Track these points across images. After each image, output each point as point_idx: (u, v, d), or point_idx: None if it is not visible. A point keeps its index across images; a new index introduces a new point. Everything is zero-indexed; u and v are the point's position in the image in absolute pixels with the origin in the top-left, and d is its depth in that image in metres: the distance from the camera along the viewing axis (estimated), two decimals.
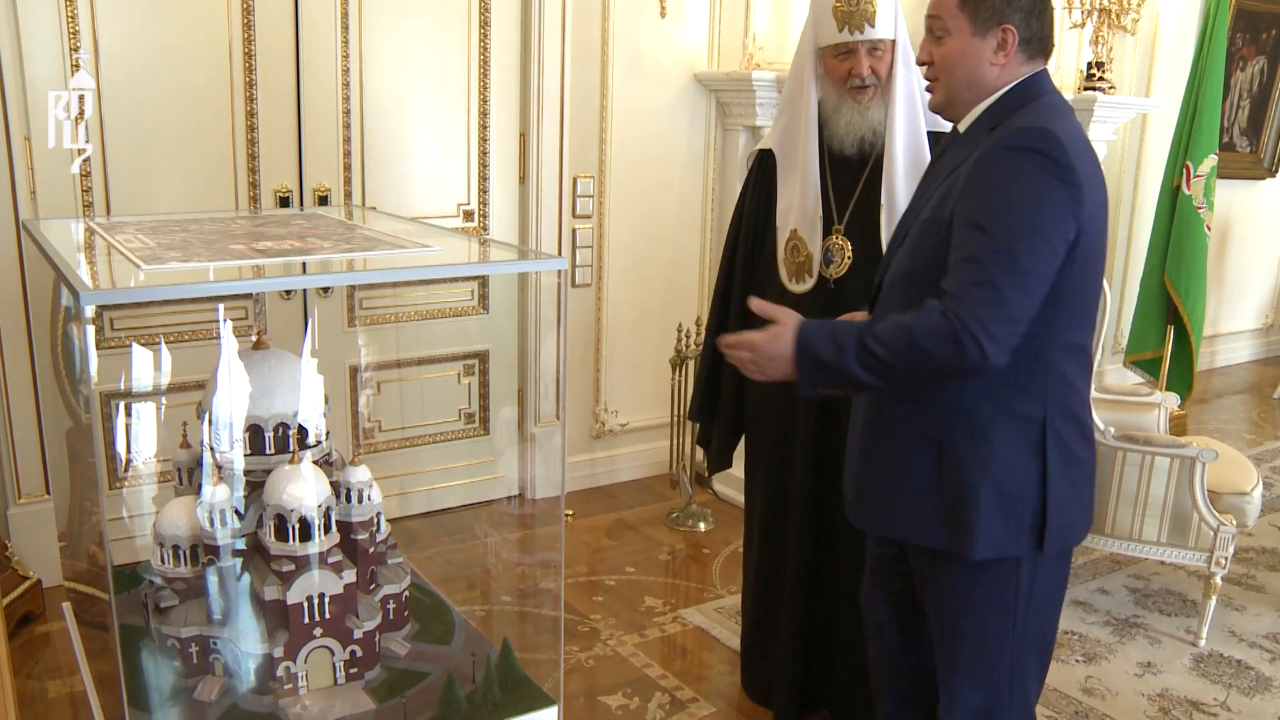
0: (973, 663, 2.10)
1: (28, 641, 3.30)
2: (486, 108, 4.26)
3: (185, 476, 2.56)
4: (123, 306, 3.56)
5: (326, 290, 3.97)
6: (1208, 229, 5.57)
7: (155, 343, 3.61)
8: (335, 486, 2.39)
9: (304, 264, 2.24)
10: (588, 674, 3.27)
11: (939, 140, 2.36)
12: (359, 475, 2.41)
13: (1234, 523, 3.48)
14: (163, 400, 3.21)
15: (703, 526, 4.38)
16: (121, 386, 3.63)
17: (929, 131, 2.61)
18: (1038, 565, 2.02)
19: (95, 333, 3.50)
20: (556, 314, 4.51)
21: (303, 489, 2.25)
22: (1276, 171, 7.59)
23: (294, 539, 2.24)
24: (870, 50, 2.48)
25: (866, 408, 2.11)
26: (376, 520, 2.47)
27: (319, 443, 2.44)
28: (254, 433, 2.36)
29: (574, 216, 4.52)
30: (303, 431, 2.40)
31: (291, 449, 2.36)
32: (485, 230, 4.36)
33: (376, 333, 4.24)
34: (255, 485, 2.34)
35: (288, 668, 2.24)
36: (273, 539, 2.26)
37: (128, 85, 3.51)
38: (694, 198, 4.82)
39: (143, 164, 3.59)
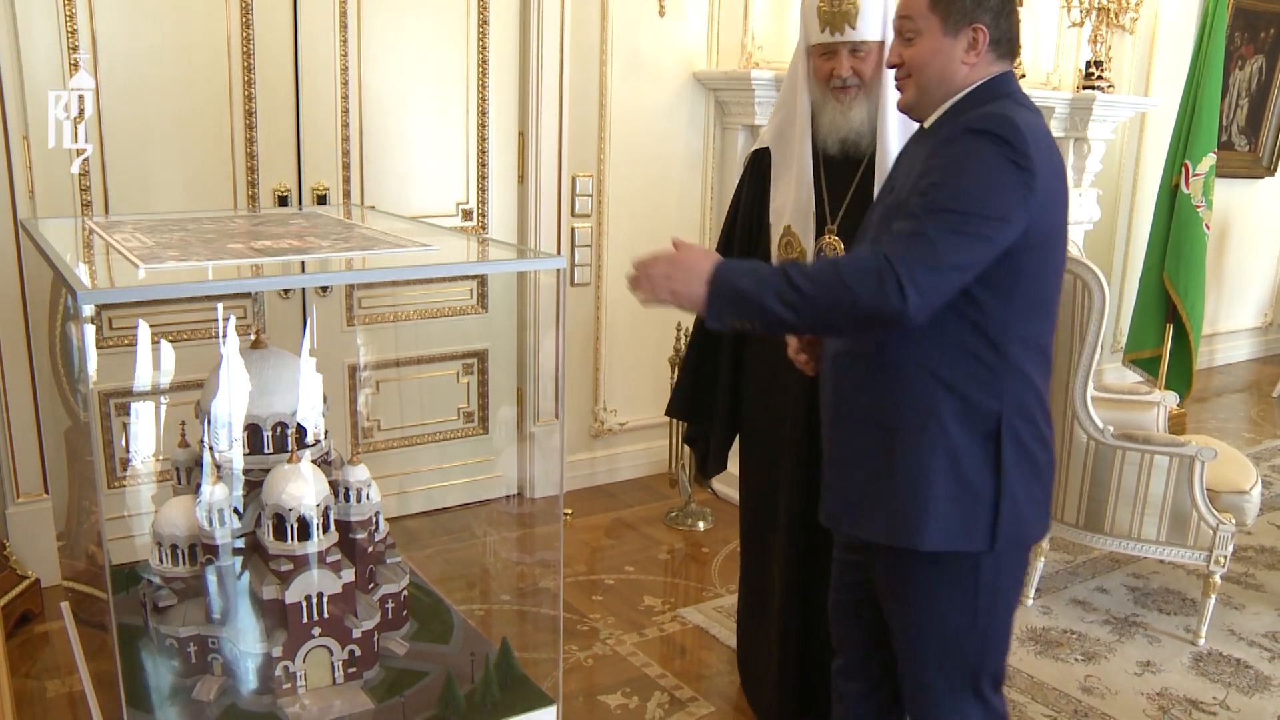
0: (936, 664, 2.08)
1: (26, 641, 3.30)
2: (485, 106, 4.26)
3: (184, 476, 2.56)
4: (121, 306, 3.55)
5: (325, 289, 3.97)
6: (1206, 228, 5.57)
7: (154, 341, 3.61)
8: (334, 486, 2.39)
9: (302, 263, 2.23)
10: (587, 673, 3.27)
11: None
12: (358, 474, 2.41)
13: (1233, 521, 3.48)
14: (161, 399, 3.21)
15: (702, 525, 4.38)
16: (120, 386, 3.63)
17: None
18: (997, 562, 2.01)
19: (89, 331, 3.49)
20: (555, 313, 4.50)
21: (301, 488, 2.25)
22: (1275, 170, 7.59)
23: (292, 538, 2.24)
24: (852, 51, 2.49)
25: (830, 400, 2.10)
26: (375, 519, 2.48)
27: (317, 442, 2.44)
28: (252, 432, 2.36)
29: (573, 215, 4.52)
30: (301, 431, 2.40)
31: (290, 448, 2.36)
32: (484, 229, 4.36)
33: (375, 332, 4.24)
34: (254, 484, 2.34)
35: (286, 667, 2.24)
36: (271, 538, 2.26)
37: (126, 84, 3.51)
38: (693, 197, 4.82)
39: (141, 163, 3.59)
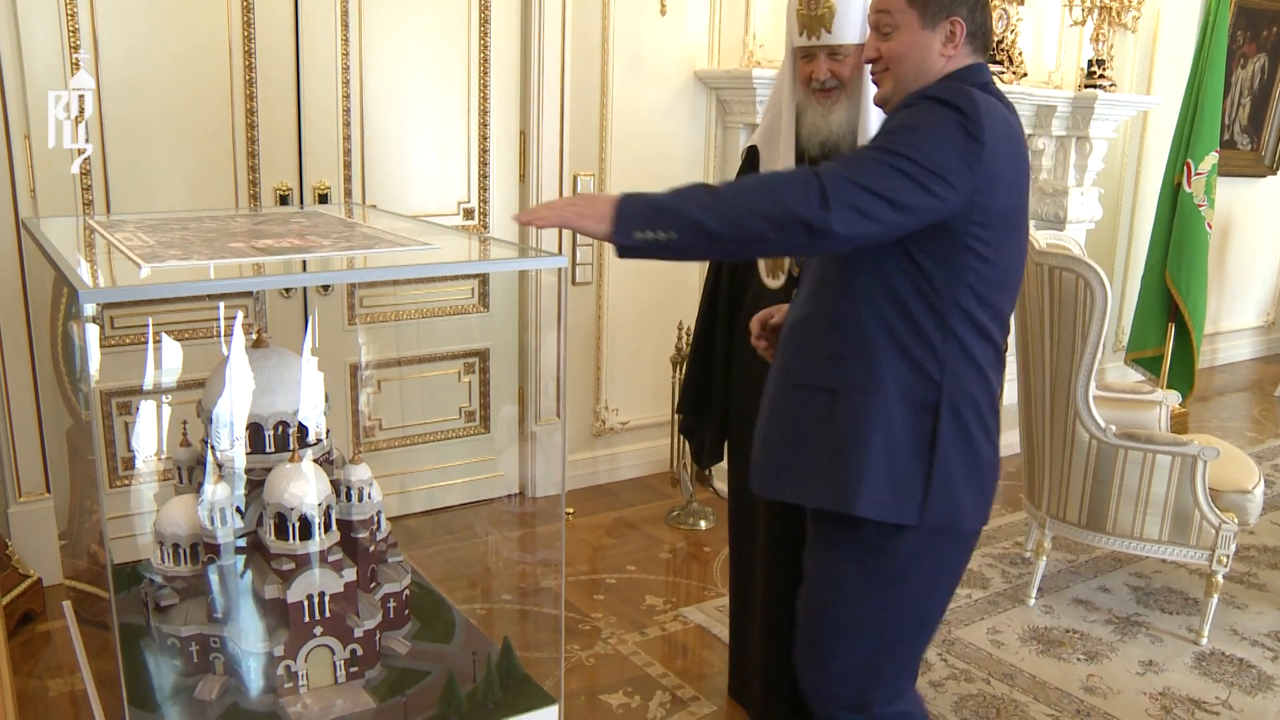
0: (844, 641, 2.08)
1: (28, 640, 3.30)
2: (487, 105, 4.26)
3: (185, 475, 2.56)
4: (122, 305, 3.55)
5: (326, 288, 3.97)
6: (1209, 226, 5.57)
7: (156, 340, 3.61)
8: (335, 485, 2.39)
9: (304, 262, 2.23)
10: (588, 672, 3.26)
11: None
12: (359, 473, 2.41)
13: (1236, 521, 3.48)
14: (163, 399, 3.21)
15: (703, 525, 4.38)
16: (121, 385, 3.63)
17: None
18: (921, 542, 2.00)
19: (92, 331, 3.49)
20: (557, 312, 4.50)
21: (303, 487, 2.25)
22: (1277, 169, 7.58)
23: (294, 537, 2.24)
24: (830, 54, 2.49)
25: (780, 368, 2.11)
26: (377, 519, 2.47)
27: (319, 441, 2.44)
28: (254, 431, 2.36)
29: None
30: (303, 430, 2.40)
31: (292, 447, 2.36)
32: (485, 228, 4.36)
33: (377, 331, 4.24)
34: (255, 484, 2.34)
35: (288, 666, 2.23)
36: (273, 537, 2.26)
37: (127, 83, 3.50)
38: None
39: (142, 162, 3.58)
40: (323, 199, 3.93)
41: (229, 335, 2.37)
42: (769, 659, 2.87)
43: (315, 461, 2.35)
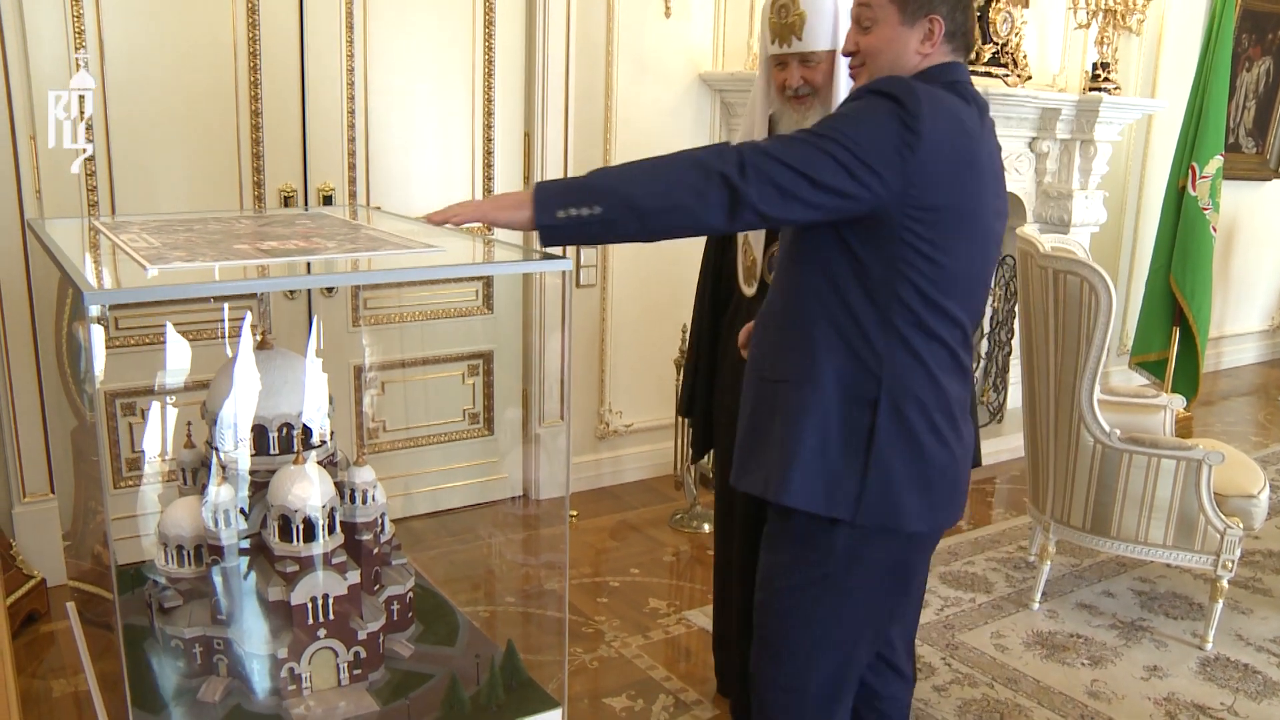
0: (784, 634, 2.08)
1: (32, 641, 3.30)
2: (491, 107, 4.26)
3: (189, 476, 2.55)
4: (127, 306, 3.55)
5: (331, 290, 3.97)
6: (1213, 230, 5.57)
7: (162, 343, 3.61)
8: (340, 487, 2.38)
9: (308, 264, 2.23)
10: (592, 675, 3.26)
11: None
12: (363, 476, 2.41)
13: (1241, 526, 3.47)
14: (167, 400, 3.20)
15: (707, 528, 4.37)
16: (125, 386, 3.63)
17: None
18: (859, 540, 1.98)
19: (97, 332, 3.49)
20: (561, 314, 4.50)
21: (307, 489, 2.24)
22: None
23: (298, 539, 2.24)
24: (802, 61, 2.49)
25: (748, 363, 2.14)
26: (381, 521, 2.47)
27: (323, 443, 2.44)
28: (258, 433, 2.36)
29: None
30: (307, 431, 2.39)
31: (296, 449, 2.35)
32: (490, 230, 4.35)
33: (381, 333, 4.24)
34: (259, 485, 2.34)
35: (291, 669, 2.23)
36: (277, 539, 2.26)
37: (132, 85, 3.51)
38: None
39: (147, 163, 3.59)
40: (327, 200, 3.93)
41: (235, 336, 2.37)
42: (747, 646, 2.86)
43: (319, 463, 2.35)
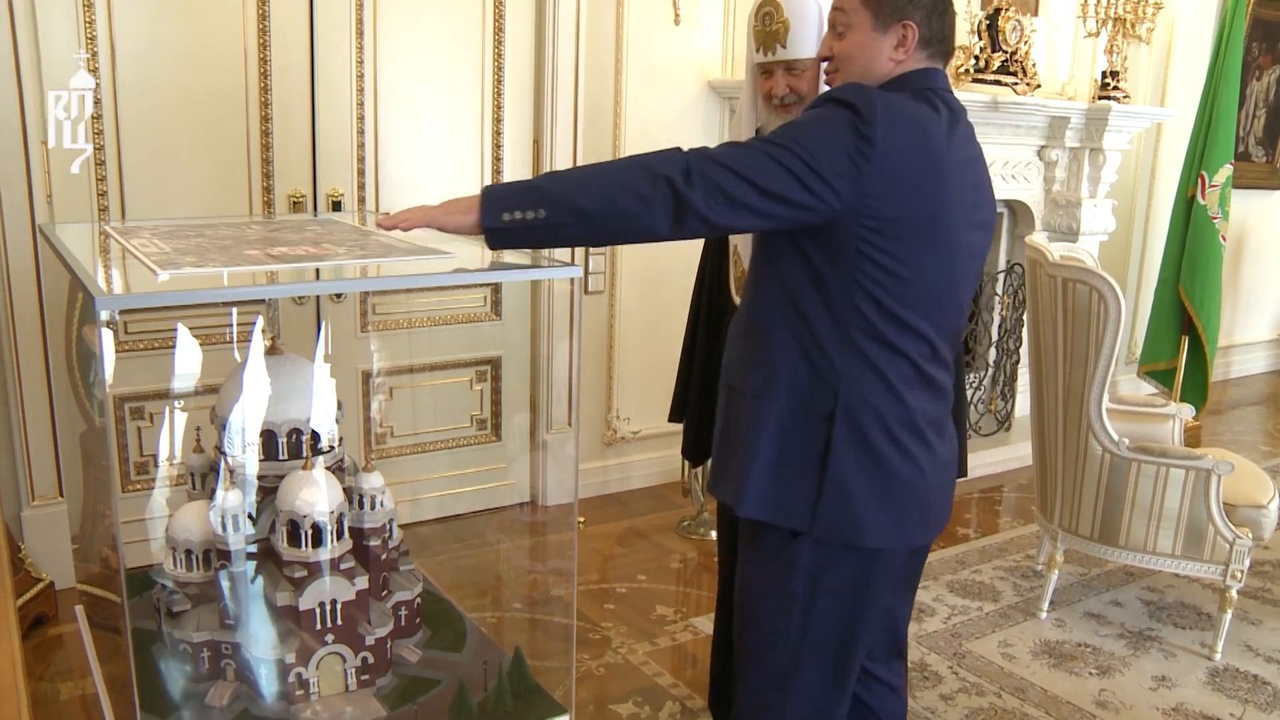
0: (755, 650, 2.07)
1: (40, 643, 3.31)
2: (500, 114, 4.27)
3: (198, 481, 2.56)
4: (137, 311, 3.56)
5: (339, 296, 3.97)
6: (1223, 239, 5.56)
7: (173, 347, 3.62)
8: (348, 492, 2.39)
9: (317, 270, 2.23)
10: (598, 682, 3.26)
11: None
12: (372, 481, 2.41)
13: (1250, 536, 3.46)
14: (176, 405, 3.21)
15: (714, 534, 4.37)
16: (134, 390, 3.64)
17: None
18: (821, 555, 1.95)
19: (107, 336, 3.50)
20: (570, 321, 4.50)
21: (316, 495, 2.25)
22: None
23: (306, 545, 2.24)
24: (788, 69, 2.48)
25: (721, 372, 2.13)
26: (389, 527, 2.47)
27: (332, 448, 2.44)
28: (267, 438, 2.36)
29: None
30: (316, 437, 2.40)
31: (305, 455, 2.36)
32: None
33: (389, 338, 4.24)
34: (268, 490, 2.34)
35: (299, 674, 2.23)
36: (285, 545, 2.26)
37: (143, 90, 3.52)
38: None
39: (157, 168, 3.60)
40: (336, 206, 3.94)
41: (245, 342, 2.37)
42: (723, 642, 2.83)
43: (328, 469, 2.36)
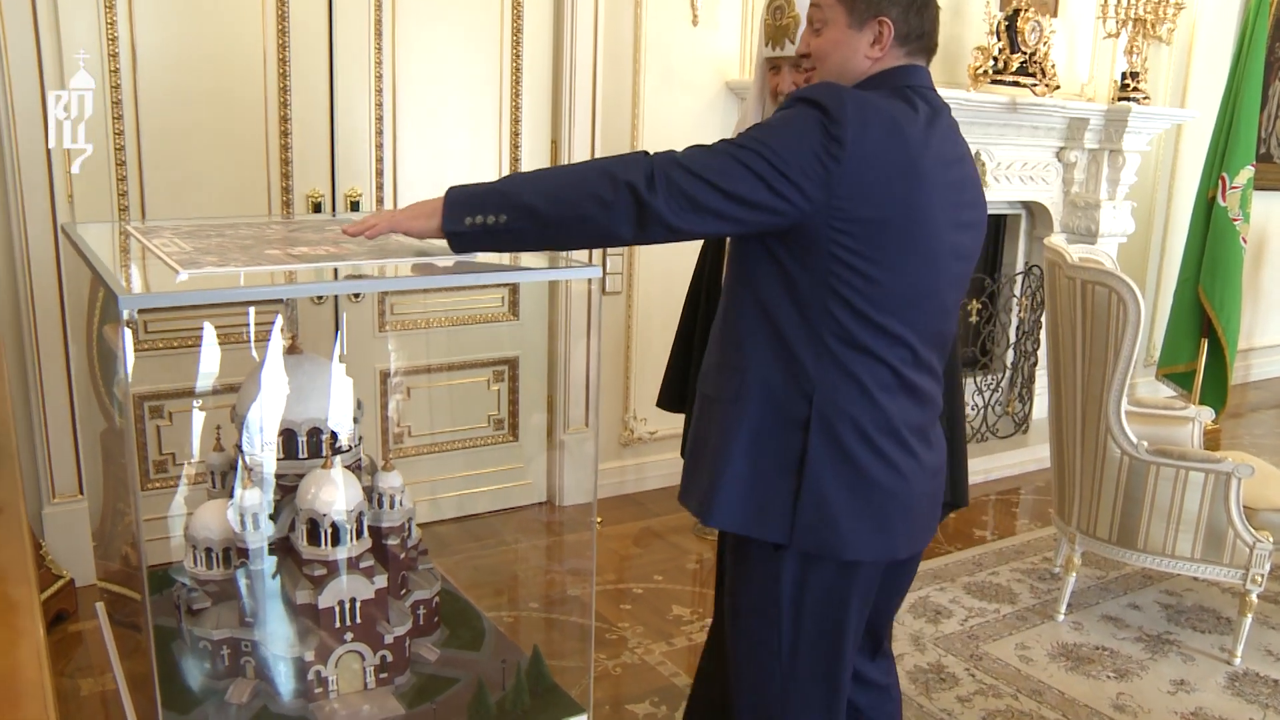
0: (745, 667, 2.03)
1: (60, 640, 3.33)
2: (518, 115, 4.28)
3: (218, 479, 2.58)
4: (158, 310, 3.58)
5: (357, 295, 3.99)
6: (1243, 241, 5.52)
7: (192, 346, 3.64)
8: (367, 492, 2.40)
9: (335, 269, 2.24)
10: (614, 682, 3.26)
11: None
12: (391, 481, 2.42)
13: (1271, 540, 3.44)
14: (196, 403, 3.22)
15: None
16: (155, 389, 3.66)
17: None
18: (803, 567, 1.91)
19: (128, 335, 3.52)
20: (587, 321, 4.51)
21: (335, 494, 2.26)
22: None
23: (326, 543, 2.25)
24: (795, 65, 2.46)
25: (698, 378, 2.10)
26: (408, 526, 2.48)
27: (352, 448, 2.45)
28: (287, 437, 2.37)
29: None
30: (335, 436, 2.41)
31: (324, 454, 2.37)
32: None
33: (406, 338, 4.26)
34: (287, 489, 2.35)
35: (318, 671, 2.24)
36: (305, 543, 2.27)
37: (163, 90, 3.54)
38: None
39: (177, 169, 3.62)
40: (354, 206, 3.95)
41: (266, 340, 2.38)
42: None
43: (347, 468, 2.37)
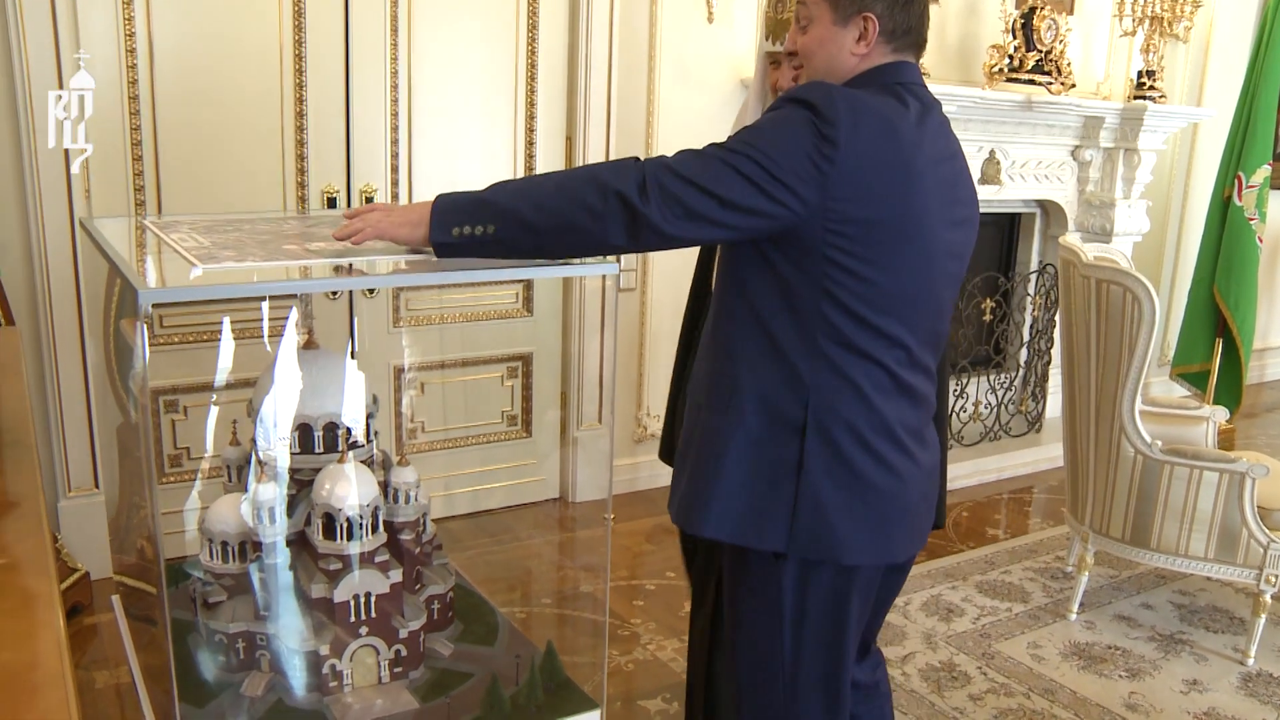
0: (749, 680, 2.00)
1: (76, 633, 3.35)
2: (533, 110, 4.28)
3: (234, 474, 2.59)
4: (174, 305, 3.60)
5: (372, 291, 4.00)
6: (1259, 240, 5.50)
7: (207, 340, 3.66)
8: (383, 487, 2.41)
9: (349, 264, 2.25)
10: (627, 678, 3.27)
11: None
12: (407, 476, 2.43)
13: None
14: (212, 398, 3.24)
15: None
16: (171, 383, 3.68)
17: None
18: (802, 573, 1.88)
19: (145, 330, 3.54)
20: (601, 318, 4.52)
21: (350, 489, 2.27)
22: None
23: (342, 538, 2.26)
24: (790, 62, 2.45)
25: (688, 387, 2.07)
26: (423, 521, 2.49)
27: (368, 443, 2.46)
28: (303, 431, 2.38)
29: None
30: (350, 431, 2.42)
31: (340, 448, 2.38)
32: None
33: (420, 334, 4.27)
34: (303, 484, 2.37)
35: (333, 665, 2.25)
36: (320, 538, 2.28)
37: (180, 87, 3.56)
38: None
39: (193, 164, 3.63)
40: (369, 202, 3.97)
41: (280, 334, 2.39)
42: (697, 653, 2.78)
43: (363, 463, 2.38)
